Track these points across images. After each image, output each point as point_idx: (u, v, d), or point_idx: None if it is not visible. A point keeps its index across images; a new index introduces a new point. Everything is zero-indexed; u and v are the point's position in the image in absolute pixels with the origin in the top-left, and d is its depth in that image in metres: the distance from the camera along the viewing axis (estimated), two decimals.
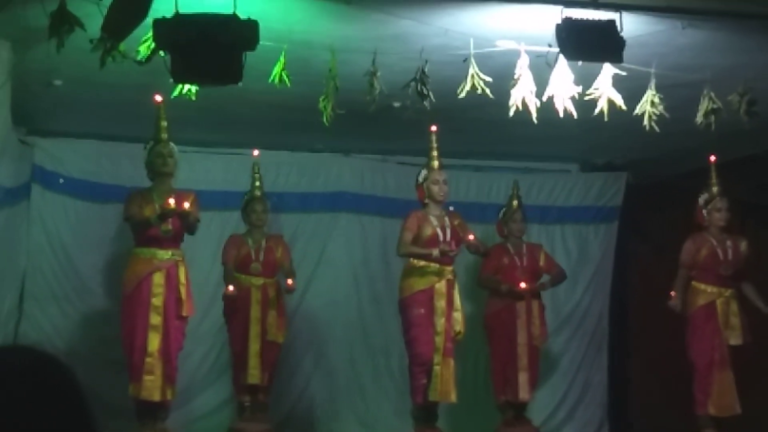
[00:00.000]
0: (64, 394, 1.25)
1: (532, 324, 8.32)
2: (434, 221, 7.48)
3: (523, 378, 8.19)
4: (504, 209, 8.58)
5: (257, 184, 8.16)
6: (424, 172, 7.56)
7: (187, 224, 7.14)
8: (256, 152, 8.10)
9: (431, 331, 7.32)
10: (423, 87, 5.87)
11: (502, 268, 8.41)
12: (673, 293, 7.72)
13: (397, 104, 6.53)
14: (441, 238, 7.44)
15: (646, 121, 6.15)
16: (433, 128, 7.53)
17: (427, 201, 7.54)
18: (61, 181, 8.77)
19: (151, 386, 6.91)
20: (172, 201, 6.86)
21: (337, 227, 9.38)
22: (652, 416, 9.37)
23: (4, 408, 1.18)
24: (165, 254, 7.09)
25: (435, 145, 7.57)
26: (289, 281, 7.80)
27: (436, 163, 7.53)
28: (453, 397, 7.42)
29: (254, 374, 7.84)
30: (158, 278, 7.04)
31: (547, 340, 8.66)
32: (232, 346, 8.01)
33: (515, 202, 8.56)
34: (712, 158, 7.84)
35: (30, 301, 8.64)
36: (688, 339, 7.71)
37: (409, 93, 5.94)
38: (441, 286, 7.40)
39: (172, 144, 7.22)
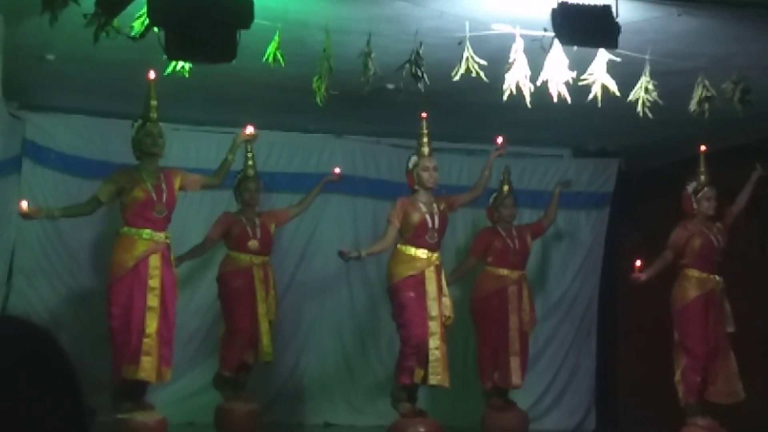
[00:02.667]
0: (51, 364, 1.25)
1: (522, 309, 8.33)
2: (423, 208, 7.46)
3: (515, 363, 8.18)
4: (495, 194, 8.57)
5: (250, 163, 8.15)
6: (414, 159, 7.54)
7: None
8: (250, 129, 7.83)
9: (424, 314, 7.31)
10: (417, 69, 5.86)
11: (494, 251, 8.41)
12: (639, 263, 7.63)
13: (391, 86, 6.51)
14: (430, 224, 7.43)
15: (639, 108, 6.15)
16: (424, 115, 7.52)
17: (416, 187, 7.53)
18: (53, 156, 8.75)
19: (150, 367, 6.89)
20: None
21: (328, 208, 9.38)
22: (638, 402, 9.41)
23: None
24: (160, 236, 7.06)
25: (425, 131, 7.55)
26: (336, 169, 8.31)
27: (426, 150, 7.52)
28: (447, 382, 7.40)
29: (269, 352, 7.89)
30: (155, 260, 7.00)
31: (535, 326, 8.67)
32: (235, 324, 7.92)
33: (506, 187, 8.55)
34: (702, 147, 7.86)
35: (19, 276, 8.63)
36: (687, 327, 7.66)
37: (403, 75, 5.93)
38: (430, 271, 7.40)
39: (161, 124, 7.18)
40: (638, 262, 7.61)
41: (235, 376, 8.01)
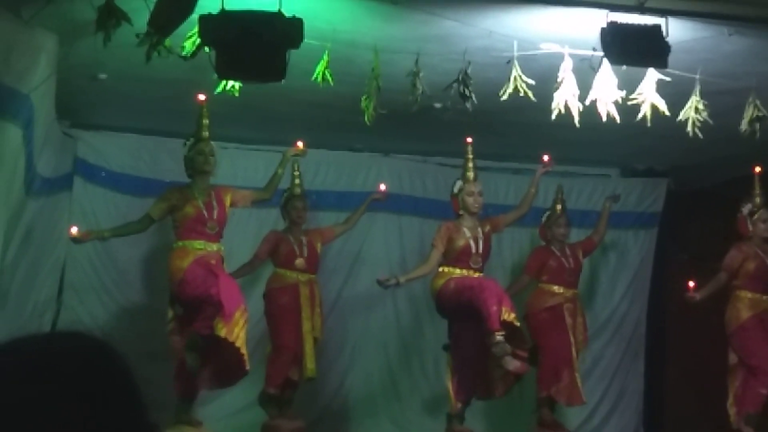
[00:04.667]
0: (112, 378, 1.26)
1: (576, 329, 8.27)
2: (467, 233, 7.44)
3: (579, 380, 8.12)
4: (548, 213, 8.53)
5: (297, 181, 8.19)
6: (459, 183, 7.54)
7: None
8: (300, 145, 7.84)
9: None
10: (465, 88, 5.87)
11: (549, 270, 8.34)
12: (692, 284, 7.61)
13: (438, 105, 6.53)
14: (474, 250, 7.41)
15: (689, 128, 6.12)
16: (469, 140, 7.52)
17: (461, 212, 7.52)
18: (103, 174, 8.86)
19: None
20: None
21: (374, 227, 9.40)
22: (687, 426, 9.29)
23: (55, 393, 1.18)
24: (213, 247, 7.13)
25: (470, 156, 7.55)
26: (381, 186, 8.25)
27: (471, 175, 7.50)
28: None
29: (312, 369, 7.88)
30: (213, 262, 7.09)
31: (587, 346, 8.60)
32: (280, 341, 7.91)
33: (559, 207, 8.50)
34: (757, 169, 7.78)
35: (69, 292, 8.73)
36: (748, 346, 7.55)
37: (451, 94, 5.94)
38: None
39: (212, 143, 7.25)
40: (691, 283, 7.58)
41: (281, 393, 8.02)
